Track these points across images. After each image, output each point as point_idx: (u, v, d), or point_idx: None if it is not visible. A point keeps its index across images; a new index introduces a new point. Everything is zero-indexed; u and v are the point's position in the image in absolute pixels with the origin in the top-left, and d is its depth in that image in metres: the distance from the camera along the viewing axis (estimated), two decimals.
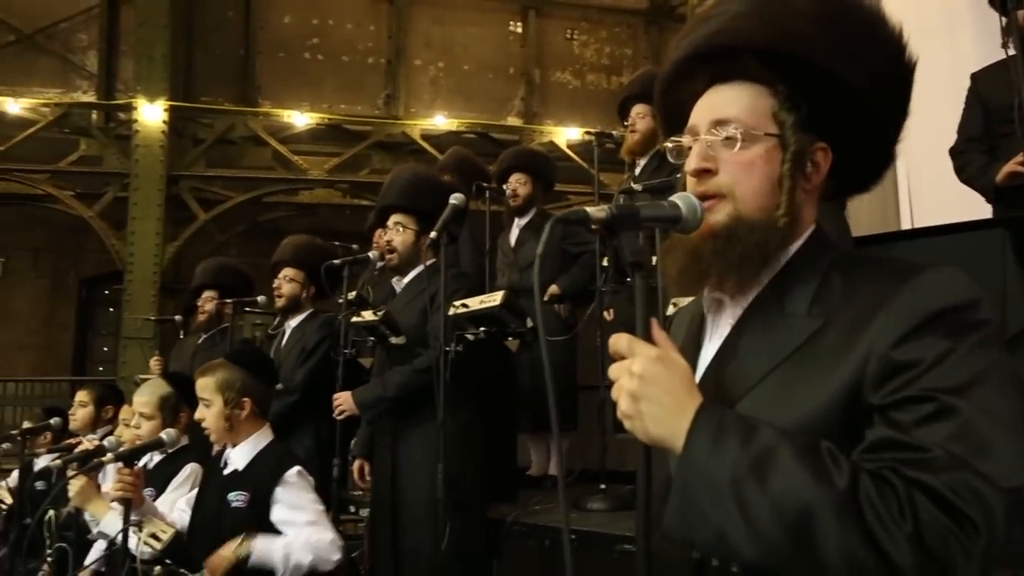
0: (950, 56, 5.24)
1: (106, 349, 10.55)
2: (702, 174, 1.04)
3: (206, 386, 2.33)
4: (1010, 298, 2.26)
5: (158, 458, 2.70)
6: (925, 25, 5.73)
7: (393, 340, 2.91)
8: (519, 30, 10.70)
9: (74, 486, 2.37)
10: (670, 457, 0.95)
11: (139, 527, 1.95)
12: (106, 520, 2.35)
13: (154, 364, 4.89)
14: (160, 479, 2.58)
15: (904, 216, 5.56)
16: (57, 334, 10.46)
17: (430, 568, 2.77)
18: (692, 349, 1.14)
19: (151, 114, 8.49)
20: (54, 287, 10.45)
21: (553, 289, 4.21)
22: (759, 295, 1.05)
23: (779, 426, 0.89)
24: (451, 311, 2.69)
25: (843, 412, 0.91)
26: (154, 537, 1.91)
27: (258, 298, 4.09)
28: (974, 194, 3.30)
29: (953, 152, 3.37)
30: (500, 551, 3.07)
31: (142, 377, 4.52)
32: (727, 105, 1.06)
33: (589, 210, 0.95)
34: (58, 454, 2.88)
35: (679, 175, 1.14)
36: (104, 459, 2.07)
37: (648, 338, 0.96)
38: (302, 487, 2.25)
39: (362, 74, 10.15)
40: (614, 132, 3.88)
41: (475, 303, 2.70)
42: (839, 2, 1.06)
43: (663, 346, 0.95)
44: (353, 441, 3.65)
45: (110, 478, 2.82)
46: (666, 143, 1.16)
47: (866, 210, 5.57)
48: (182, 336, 4.94)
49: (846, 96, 1.03)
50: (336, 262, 3.33)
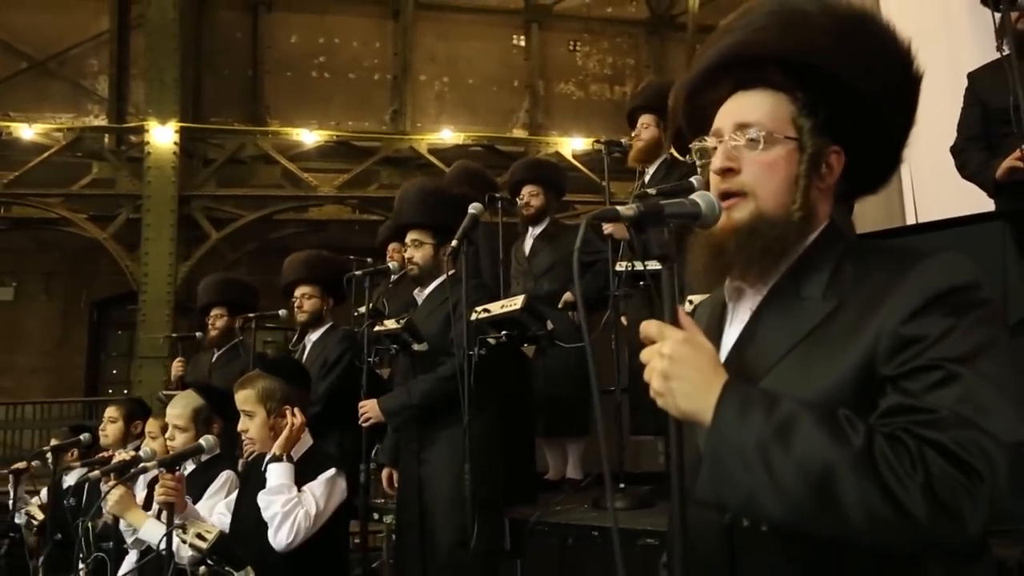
0: (949, 56, 5.33)
1: (115, 372, 10.65)
2: (726, 173, 1.14)
3: (247, 398, 2.41)
4: (1011, 288, 2.33)
5: (191, 467, 2.78)
6: (924, 25, 5.81)
7: (416, 347, 2.99)
8: (522, 43, 10.83)
9: (113, 495, 2.44)
10: (698, 434, 1.03)
11: (183, 530, 2.03)
12: (145, 528, 2.43)
13: (177, 367, 4.95)
14: (195, 487, 2.65)
15: (909, 212, 5.63)
16: (69, 356, 10.57)
17: (456, 568, 2.84)
18: (715, 334, 1.22)
19: (162, 136, 8.63)
20: (66, 310, 10.57)
21: (567, 296, 4.28)
22: (777, 282, 1.14)
23: (804, 399, 0.97)
24: (473, 316, 2.77)
25: (858, 384, 0.99)
26: (200, 537, 1.98)
27: (279, 312, 4.18)
28: (975, 189, 3.38)
29: (954, 150, 3.45)
30: (523, 551, 3.14)
31: (166, 394, 4.61)
32: (751, 110, 1.15)
33: (619, 208, 1.04)
34: (91, 468, 2.96)
35: (689, 179, 1.23)
36: (148, 465, 2.15)
37: (676, 323, 1.05)
38: (324, 483, 2.33)
39: (369, 91, 10.30)
40: (623, 141, 3.97)
41: (497, 308, 2.79)
42: (854, 17, 1.15)
43: (690, 330, 1.04)
44: (376, 448, 3.73)
45: (140, 489, 2.91)
46: (692, 144, 1.25)
47: (871, 208, 5.64)
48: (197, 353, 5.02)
49: (860, 104, 1.13)
50: (358, 273, 3.42)
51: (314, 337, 4.02)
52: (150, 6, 8.54)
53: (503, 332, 2.80)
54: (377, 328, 3.13)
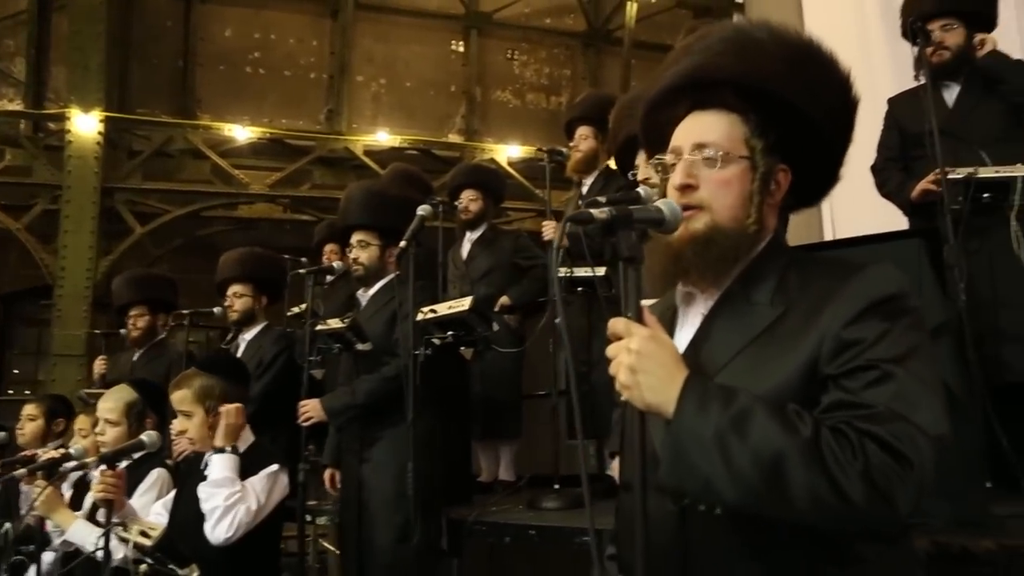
0: (867, 81, 5.64)
1: (16, 371, 10.13)
2: (685, 188, 1.24)
3: (185, 398, 2.36)
4: (925, 300, 2.51)
5: (123, 465, 2.71)
6: (844, 53, 6.15)
7: (360, 347, 3.01)
8: (461, 49, 10.87)
9: (40, 495, 2.36)
10: (654, 433, 1.12)
11: (124, 528, 1.98)
12: (73, 529, 2.36)
13: (99, 364, 4.78)
14: (126, 485, 2.58)
15: (827, 227, 5.93)
16: None
17: (394, 565, 2.86)
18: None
19: (85, 125, 8.28)
20: None
21: (504, 300, 4.34)
22: (728, 289, 1.25)
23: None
24: (420, 316, 2.80)
25: (803, 382, 1.11)
26: (144, 535, 1.94)
27: (214, 310, 4.10)
28: (888, 207, 3.62)
29: (874, 169, 3.68)
30: (460, 550, 3.18)
31: (88, 392, 4.44)
32: (707, 130, 1.25)
33: (593, 211, 1.11)
34: (11, 467, 2.84)
35: (636, 189, 1.32)
36: (88, 462, 2.09)
37: (641, 321, 1.12)
38: (265, 478, 2.31)
39: (304, 89, 10.14)
40: (563, 149, 4.06)
41: (444, 308, 2.83)
42: (803, 47, 1.27)
43: (654, 327, 1.12)
44: (309, 449, 3.70)
45: (67, 489, 2.81)
46: (650, 160, 1.35)
47: (792, 221, 5.90)
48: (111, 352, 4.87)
49: (806, 126, 1.24)
50: (303, 271, 3.40)
51: (248, 336, 3.97)
52: None
53: (448, 333, 2.84)
54: (320, 327, 3.13)
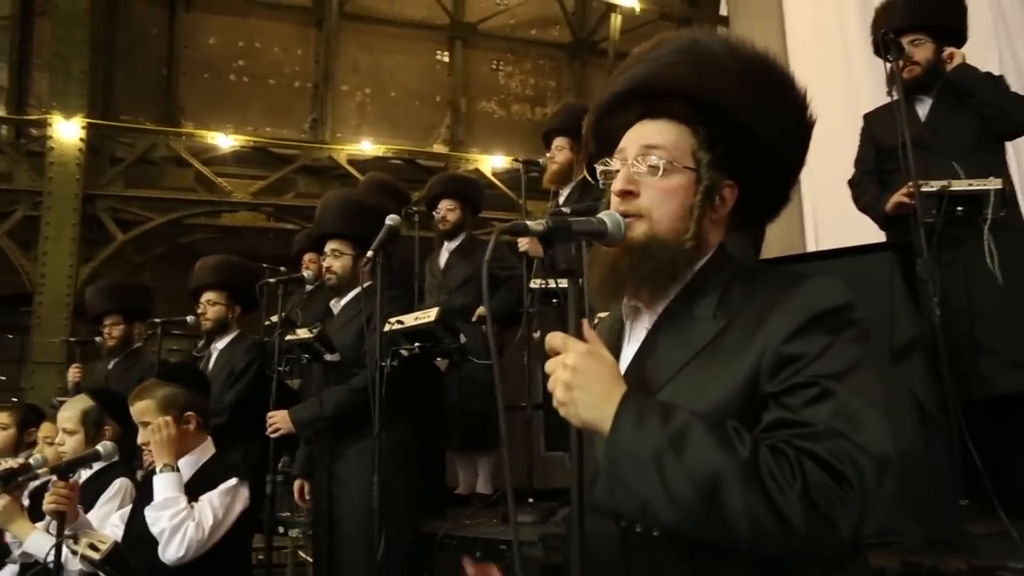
0: (848, 97, 5.70)
1: (3, 378, 10.04)
2: (626, 195, 1.21)
3: (147, 409, 2.32)
4: (896, 314, 2.50)
5: (86, 474, 2.67)
6: (827, 68, 6.20)
7: (328, 357, 2.97)
8: (446, 59, 10.88)
9: None
10: (596, 447, 1.09)
11: (75, 540, 1.94)
12: (31, 540, 2.31)
13: (73, 372, 4.74)
14: (88, 495, 2.54)
15: (809, 240, 5.96)
16: None
17: None
18: (613, 351, 1.29)
19: (67, 131, 8.23)
20: None
21: (481, 311, 4.33)
22: (671, 303, 1.22)
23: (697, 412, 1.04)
24: (387, 327, 2.78)
25: (743, 400, 1.07)
26: (92, 548, 1.90)
27: (187, 318, 4.06)
28: (871, 221, 3.63)
29: (851, 183, 3.70)
30: (431, 564, 3.14)
31: (59, 400, 4.39)
32: (656, 135, 1.23)
33: (528, 223, 1.09)
34: None
35: (603, 200, 1.30)
36: (40, 472, 2.05)
37: (580, 336, 1.10)
38: (223, 493, 2.27)
39: (289, 98, 10.12)
40: (540, 160, 4.06)
41: (410, 319, 2.80)
42: (759, 65, 1.25)
43: (593, 343, 1.10)
44: (282, 460, 3.66)
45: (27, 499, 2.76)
46: (596, 164, 1.32)
47: (775, 235, 5.93)
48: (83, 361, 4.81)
49: (756, 145, 1.22)
50: (272, 280, 3.37)
51: (220, 345, 3.93)
52: None
53: (416, 344, 2.81)
54: (289, 337, 3.10)
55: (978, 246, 2.99)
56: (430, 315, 2.79)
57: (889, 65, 3.16)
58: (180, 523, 2.11)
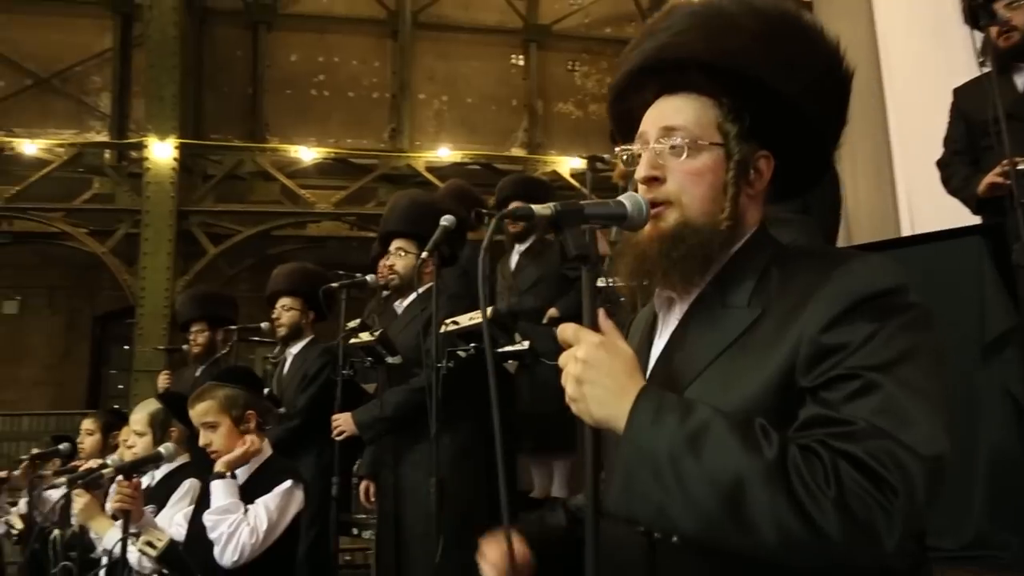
0: (944, 67, 5.33)
1: (121, 386, 10.67)
2: (651, 182, 1.11)
3: (209, 410, 2.38)
4: (987, 303, 2.30)
5: (160, 475, 2.76)
6: (919, 38, 5.83)
7: (389, 360, 2.98)
8: (521, 63, 10.90)
9: (78, 503, 2.43)
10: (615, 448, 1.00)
11: (135, 537, 2.01)
12: (108, 536, 2.40)
13: (163, 379, 4.94)
14: (161, 496, 2.63)
15: (904, 225, 5.59)
16: (72, 370, 10.58)
17: None
18: (645, 344, 1.20)
19: (162, 152, 8.69)
20: (69, 324, 10.60)
21: (552, 312, 4.26)
22: (703, 292, 1.11)
23: (723, 409, 0.93)
24: (443, 328, 2.76)
25: (777, 395, 0.96)
26: (150, 545, 1.97)
27: (261, 325, 4.17)
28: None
29: (940, 164, 3.44)
30: None
31: None
32: (675, 114, 1.12)
33: (535, 207, 1.03)
34: (65, 477, 2.95)
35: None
36: (105, 472, 2.14)
37: (595, 327, 1.02)
38: (278, 496, 2.30)
39: (367, 109, 10.36)
40: (606, 156, 3.96)
41: (465, 320, 2.77)
42: (779, 18, 1.12)
43: (609, 334, 1.01)
44: (357, 463, 3.70)
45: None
46: (617, 150, 1.23)
47: (866, 218, 5.62)
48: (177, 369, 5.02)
49: (784, 107, 1.10)
50: (334, 285, 3.41)
51: (294, 350, 4.02)
52: (151, 24, 8.64)
53: (472, 345, 2.78)
54: (352, 341, 3.12)
55: None
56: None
57: (983, 34, 2.93)
58: (236, 529, 2.15)
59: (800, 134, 1.13)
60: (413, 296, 3.18)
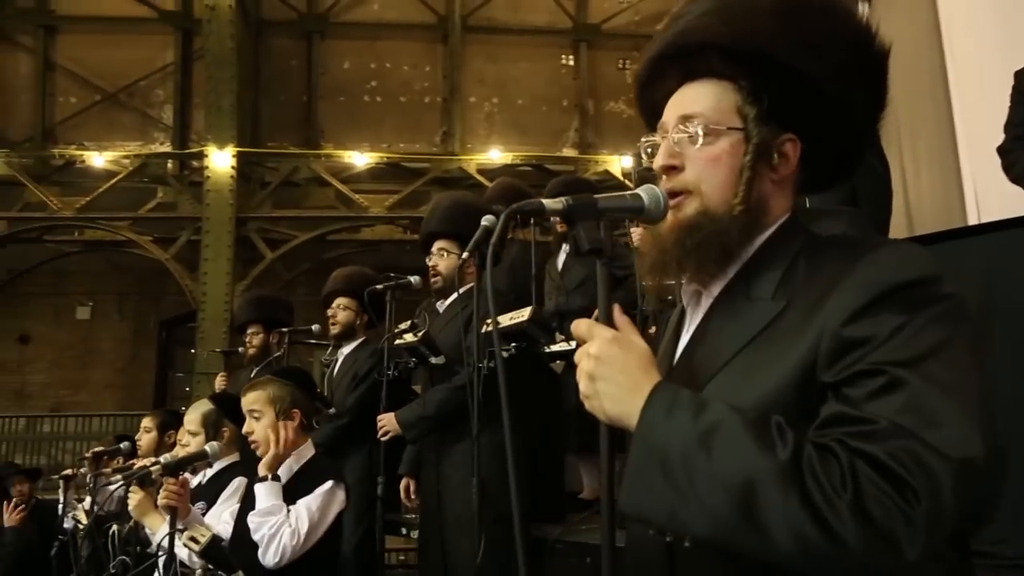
0: (1009, 52, 5.08)
1: (188, 389, 11.04)
2: (669, 171, 1.07)
3: (256, 399, 2.43)
4: None
5: (211, 474, 2.84)
6: (983, 23, 5.59)
7: (433, 360, 2.99)
8: (571, 63, 10.87)
9: (133, 500, 2.51)
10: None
11: (181, 533, 2.07)
12: (160, 531, 2.48)
13: (220, 381, 5.07)
14: (211, 493, 2.70)
15: (971, 214, 5.33)
16: (139, 373, 11.00)
17: None
18: (672, 339, 1.18)
19: (220, 160, 8.96)
20: (136, 328, 11.03)
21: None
22: (728, 284, 1.07)
23: (741, 406, 0.89)
24: (484, 328, 2.75)
25: (798, 391, 0.91)
26: (194, 540, 2.02)
27: (312, 327, 4.24)
28: None
29: (1000, 150, 3.28)
30: (545, 569, 3.08)
31: None
32: (693, 102, 1.09)
33: (545, 201, 1.01)
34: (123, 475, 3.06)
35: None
36: (153, 470, 2.20)
37: (610, 323, 1.00)
38: (319, 497, 2.33)
39: (419, 113, 10.48)
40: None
41: (505, 319, 2.76)
42: None
43: (624, 329, 0.99)
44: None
45: None
46: (641, 140, 1.20)
47: (929, 209, 5.39)
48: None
49: (805, 86, 1.05)
50: (379, 287, 3.44)
51: (346, 351, 4.07)
52: (210, 38, 8.92)
53: (512, 344, 2.77)
54: (397, 342, 3.15)
55: None
56: (523, 315, 2.74)
57: None
58: (277, 530, 2.19)
59: (828, 116, 1.08)
60: (454, 296, 3.19)
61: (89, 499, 3.91)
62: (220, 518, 2.46)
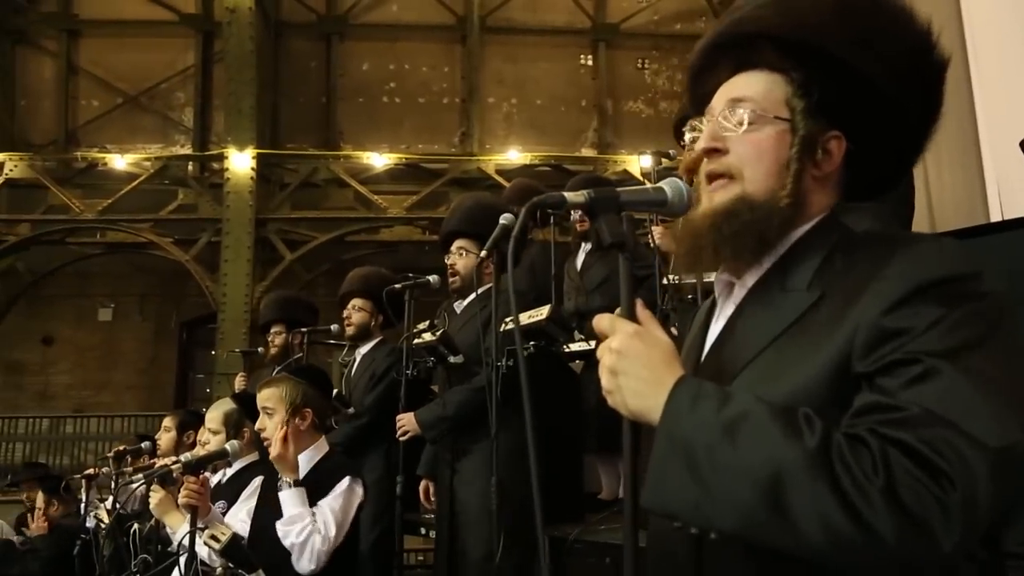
0: None
1: (208, 390, 11.13)
2: (712, 153, 1.06)
3: (270, 396, 2.45)
4: None
5: (231, 473, 2.85)
6: (1004, 17, 5.50)
7: (451, 360, 2.98)
8: (590, 63, 10.85)
9: (154, 498, 2.53)
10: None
11: (201, 531, 2.08)
12: (181, 530, 2.49)
13: (239, 381, 5.10)
14: (231, 493, 2.71)
15: (994, 210, 5.23)
16: (160, 374, 11.11)
17: None
18: (701, 331, 1.16)
19: (240, 162, 9.03)
20: (158, 330, 11.13)
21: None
22: (763, 275, 1.05)
23: (772, 399, 0.87)
24: (502, 327, 2.74)
25: (832, 383, 0.89)
26: (213, 538, 2.03)
27: (331, 327, 4.25)
28: None
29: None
30: (563, 569, 3.06)
31: None
32: (744, 87, 1.08)
33: (567, 194, 1.00)
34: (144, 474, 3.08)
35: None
36: (173, 468, 2.22)
37: (633, 317, 0.98)
38: (339, 496, 2.34)
39: (438, 114, 10.50)
40: (671, 151, 3.89)
41: (523, 318, 2.75)
42: None
43: (646, 323, 0.97)
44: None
45: None
46: (684, 128, 1.18)
47: (951, 205, 5.31)
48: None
49: (857, 84, 1.03)
50: (396, 287, 3.44)
51: (363, 351, 4.07)
52: (229, 40, 8.99)
53: (531, 343, 2.76)
54: (416, 341, 3.14)
55: None
56: (542, 313, 2.72)
57: None
58: (307, 537, 2.21)
59: (878, 116, 1.06)
60: (472, 295, 3.18)
61: (111, 498, 3.94)
62: (238, 517, 2.47)
